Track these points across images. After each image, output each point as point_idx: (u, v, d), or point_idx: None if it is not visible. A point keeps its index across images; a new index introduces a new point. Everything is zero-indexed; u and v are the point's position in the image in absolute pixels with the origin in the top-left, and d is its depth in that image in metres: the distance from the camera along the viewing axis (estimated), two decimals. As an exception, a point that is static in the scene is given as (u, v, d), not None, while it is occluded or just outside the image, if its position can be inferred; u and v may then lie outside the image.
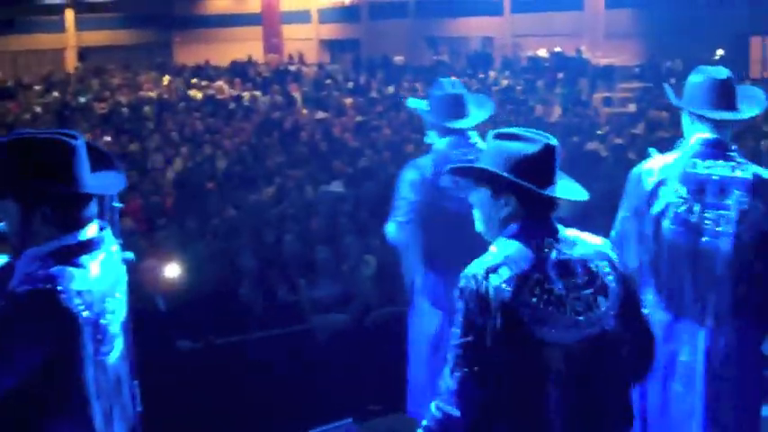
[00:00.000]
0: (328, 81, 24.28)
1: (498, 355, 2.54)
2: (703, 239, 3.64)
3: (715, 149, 3.69)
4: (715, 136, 3.71)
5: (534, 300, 2.57)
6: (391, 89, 22.97)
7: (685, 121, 3.84)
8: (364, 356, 6.60)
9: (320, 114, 18.79)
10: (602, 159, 11.51)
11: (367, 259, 7.64)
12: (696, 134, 3.75)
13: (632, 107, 20.25)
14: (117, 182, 2.87)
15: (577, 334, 2.62)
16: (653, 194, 3.72)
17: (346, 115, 18.31)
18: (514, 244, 2.63)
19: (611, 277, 2.71)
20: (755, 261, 3.66)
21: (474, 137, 4.62)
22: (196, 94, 22.84)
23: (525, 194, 2.63)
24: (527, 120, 16.64)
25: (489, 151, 2.71)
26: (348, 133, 15.86)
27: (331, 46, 44.91)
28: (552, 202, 2.69)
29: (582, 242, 2.73)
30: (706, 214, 3.65)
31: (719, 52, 27.77)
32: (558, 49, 31.18)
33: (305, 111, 19.58)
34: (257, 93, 22.57)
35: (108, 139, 15.54)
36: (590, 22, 32.66)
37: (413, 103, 4.96)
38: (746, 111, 3.72)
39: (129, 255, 3.03)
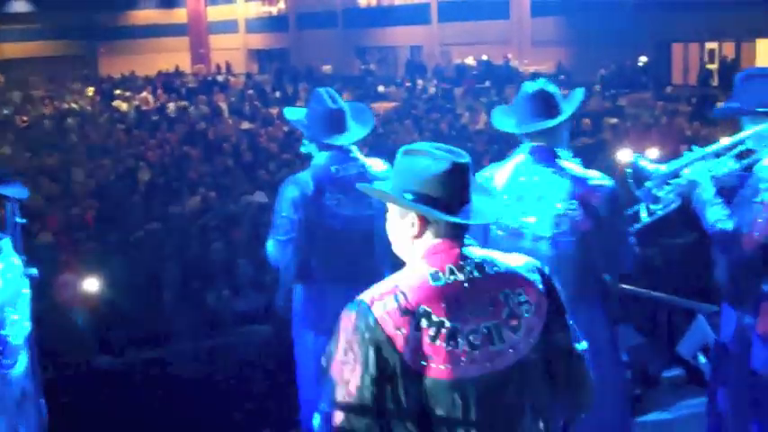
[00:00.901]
0: (255, 91, 24.17)
1: (378, 393, 2.32)
2: (525, 244, 3.75)
3: (540, 157, 3.83)
4: (539, 144, 3.85)
5: (420, 334, 2.33)
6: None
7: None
8: (288, 368, 6.54)
9: (246, 125, 18.69)
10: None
11: (290, 270, 7.56)
12: (525, 143, 3.91)
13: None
14: (18, 191, 2.78)
15: (472, 370, 2.37)
16: None
17: (273, 125, 18.22)
18: (414, 269, 2.45)
19: (525, 307, 2.47)
20: (587, 259, 3.78)
21: (355, 151, 4.50)
22: (120, 106, 22.57)
23: (428, 216, 2.47)
24: (453, 128, 16.74)
25: (398, 168, 2.54)
26: (274, 143, 15.77)
27: (259, 56, 44.78)
28: (459, 227, 2.50)
29: (496, 265, 2.50)
30: (526, 219, 3.78)
31: (643, 59, 28.32)
32: (485, 57, 31.50)
33: (231, 121, 19.47)
34: (183, 103, 22.38)
35: (28, 155, 15.24)
36: (517, 30, 33.05)
37: (290, 114, 4.71)
38: (561, 116, 3.85)
39: (33, 271, 2.95)
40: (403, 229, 2.52)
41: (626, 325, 5.65)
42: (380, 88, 25.92)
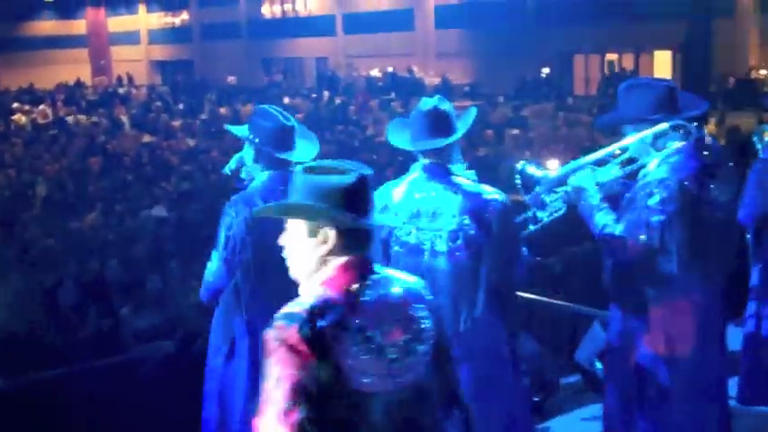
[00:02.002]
0: (158, 103, 23.84)
1: (317, 408, 2.34)
2: (423, 260, 3.82)
3: (433, 174, 3.89)
4: (433, 160, 3.91)
5: (354, 348, 2.38)
6: (224, 110, 22.73)
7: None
8: (192, 385, 6.43)
9: (147, 138, 18.40)
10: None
11: (192, 285, 7.46)
12: (420, 159, 3.96)
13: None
14: None
15: (393, 383, 2.45)
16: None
17: (175, 138, 17.98)
18: (334, 286, 2.46)
19: (426, 321, 2.56)
20: (483, 272, 3.84)
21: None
22: (19, 119, 22.00)
23: (345, 229, 2.49)
24: (359, 140, 16.76)
25: (299, 186, 2.53)
26: (175, 156, 15.56)
27: (162, 67, 44.19)
28: (370, 236, 2.55)
29: (398, 282, 2.57)
30: (422, 236, 3.84)
31: (545, 70, 28.85)
32: (390, 69, 31.67)
33: (131, 134, 19.15)
34: (82, 116, 21.93)
35: None
36: (421, 41, 33.32)
37: (238, 131, 4.56)
38: (456, 134, 3.91)
39: None
40: (312, 247, 2.52)
41: (525, 333, 5.71)
42: (286, 100, 25.81)
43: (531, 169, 4.11)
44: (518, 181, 4.12)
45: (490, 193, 3.86)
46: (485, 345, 3.91)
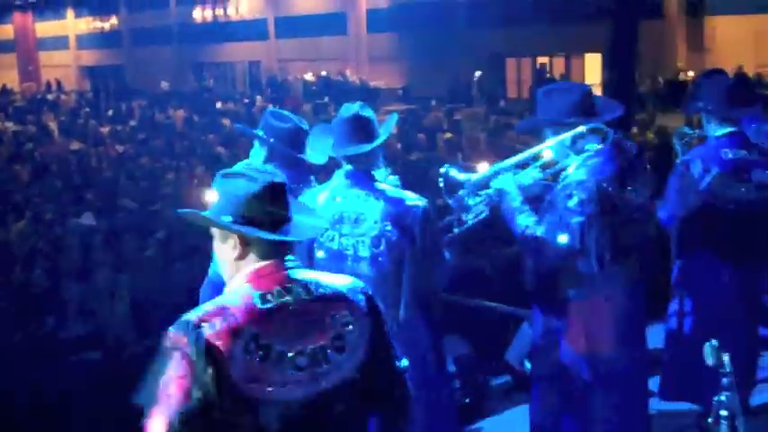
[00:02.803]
0: (86, 109, 23.49)
1: (204, 414, 2.32)
2: (346, 265, 3.84)
3: (357, 180, 3.92)
4: (355, 166, 3.94)
5: (249, 356, 2.34)
6: (158, 116, 22.49)
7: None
8: (120, 394, 6.34)
9: (75, 144, 18.11)
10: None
11: (121, 294, 7.36)
12: (343, 165, 3.99)
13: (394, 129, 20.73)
14: None
15: (299, 392, 2.40)
16: None
17: (104, 144, 17.73)
18: (239, 291, 2.45)
19: (350, 327, 2.51)
20: (406, 277, 3.88)
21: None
22: (-56, 127, 21.50)
23: (249, 236, 2.48)
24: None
25: (218, 191, 2.56)
26: (105, 163, 15.34)
27: (92, 73, 43.56)
28: (284, 243, 2.52)
29: (322, 286, 2.53)
30: (345, 242, 3.88)
31: (477, 73, 29.10)
32: (324, 73, 31.66)
33: (60, 140, 18.83)
34: (9, 124, 21.52)
35: None
36: (354, 46, 33.39)
37: (251, 131, 4.67)
38: (377, 140, 3.95)
39: None
40: (226, 252, 2.53)
41: (455, 335, 5.75)
42: (218, 104, 25.63)
43: (455, 172, 4.16)
44: (441, 184, 4.15)
45: (412, 199, 3.90)
46: (410, 348, 3.93)
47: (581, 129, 4.01)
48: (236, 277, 2.51)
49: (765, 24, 22.78)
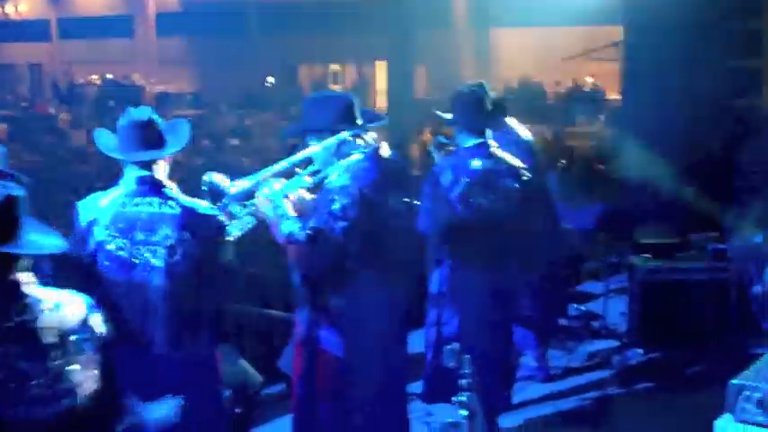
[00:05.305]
0: None
1: None
2: (137, 275, 3.72)
3: (147, 187, 3.80)
4: (147, 173, 3.81)
5: None
6: None
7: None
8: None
9: None
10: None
11: None
12: (131, 173, 3.83)
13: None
14: None
15: (44, 410, 2.39)
16: (87, 232, 3.76)
17: None
18: None
19: (87, 344, 2.51)
20: (196, 287, 3.82)
21: None
22: None
23: None
24: (70, 150, 16.05)
25: None
26: None
27: None
28: (8, 261, 2.46)
29: (50, 304, 2.50)
30: (136, 250, 3.74)
31: (270, 79, 29.05)
32: (110, 76, 30.74)
33: None
34: None
35: None
36: (142, 49, 32.58)
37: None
38: (171, 147, 3.86)
39: None
40: None
41: (226, 345, 5.67)
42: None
43: (218, 179, 4.09)
44: (206, 189, 4.07)
45: (207, 208, 3.83)
46: (190, 364, 3.84)
47: (344, 135, 4.10)
48: None
49: (545, 37, 23.71)
